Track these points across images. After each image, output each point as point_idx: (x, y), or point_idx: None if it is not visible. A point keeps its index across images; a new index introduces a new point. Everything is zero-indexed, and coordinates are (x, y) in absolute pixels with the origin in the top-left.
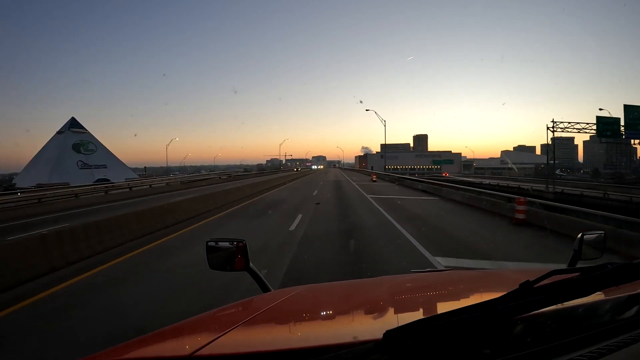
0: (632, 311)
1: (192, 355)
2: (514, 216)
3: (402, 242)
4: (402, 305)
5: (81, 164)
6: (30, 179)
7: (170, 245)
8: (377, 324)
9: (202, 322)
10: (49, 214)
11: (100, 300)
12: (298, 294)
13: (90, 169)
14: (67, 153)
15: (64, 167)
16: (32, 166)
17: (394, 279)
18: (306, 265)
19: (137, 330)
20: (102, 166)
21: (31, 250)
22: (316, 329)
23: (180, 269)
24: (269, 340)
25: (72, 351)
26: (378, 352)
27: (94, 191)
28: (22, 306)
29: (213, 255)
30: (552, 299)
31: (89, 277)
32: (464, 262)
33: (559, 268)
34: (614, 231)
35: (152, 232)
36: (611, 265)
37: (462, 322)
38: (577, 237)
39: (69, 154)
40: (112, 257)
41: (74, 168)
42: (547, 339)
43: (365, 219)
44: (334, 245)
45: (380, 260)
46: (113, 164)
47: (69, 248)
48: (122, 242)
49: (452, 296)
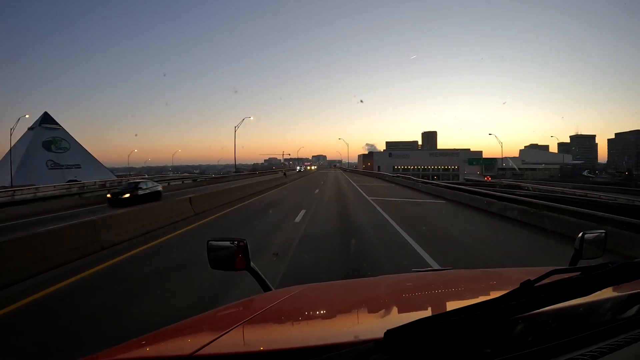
0: (633, 310)
1: (193, 355)
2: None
3: None
4: (403, 305)
5: (51, 163)
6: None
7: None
8: (378, 323)
9: (203, 321)
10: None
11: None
12: (299, 293)
13: (62, 169)
14: (37, 151)
15: (31, 167)
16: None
17: (394, 278)
18: None
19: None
20: (75, 166)
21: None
22: (317, 328)
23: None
24: (269, 339)
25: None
26: (379, 352)
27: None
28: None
29: (214, 255)
30: (552, 298)
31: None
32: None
33: (559, 267)
34: None
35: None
36: (612, 265)
37: (463, 322)
38: (577, 236)
39: (38, 153)
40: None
41: (43, 168)
42: (548, 338)
43: None
44: None
45: None
46: (88, 164)
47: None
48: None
49: (453, 295)
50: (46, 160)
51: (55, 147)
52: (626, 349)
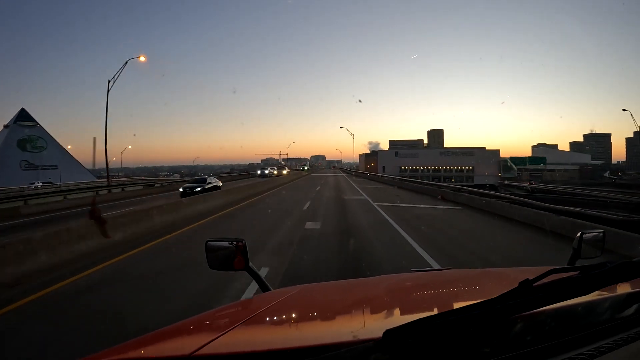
0: (632, 309)
1: (192, 355)
2: None
3: None
4: (402, 305)
5: (25, 164)
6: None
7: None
8: (376, 323)
9: (202, 321)
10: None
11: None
12: (297, 293)
13: (37, 169)
14: (10, 150)
15: (3, 168)
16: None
17: (393, 278)
18: None
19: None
20: (51, 166)
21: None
22: (316, 328)
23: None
24: (268, 339)
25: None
26: (378, 351)
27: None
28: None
29: (212, 255)
30: (551, 297)
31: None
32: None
33: (558, 267)
34: None
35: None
36: (610, 264)
37: (462, 321)
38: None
39: (12, 152)
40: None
41: (16, 169)
42: (546, 337)
43: None
44: None
45: None
46: (66, 164)
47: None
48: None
49: (452, 295)
50: (20, 161)
51: (31, 146)
52: (625, 348)
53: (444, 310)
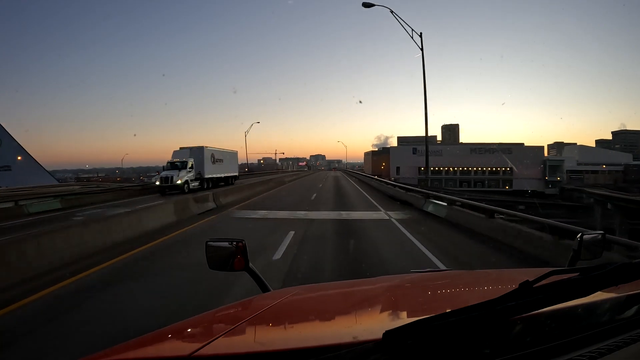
0: (632, 311)
1: (192, 355)
2: None
3: None
4: (402, 305)
5: None
6: None
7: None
8: (376, 323)
9: (202, 322)
10: None
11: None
12: (297, 294)
13: None
14: None
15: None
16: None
17: (393, 279)
18: None
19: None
20: (3, 167)
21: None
22: (316, 329)
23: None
24: (268, 340)
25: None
26: (378, 352)
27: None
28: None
29: (212, 255)
30: (551, 299)
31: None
32: None
33: (558, 268)
34: None
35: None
36: (610, 265)
37: (462, 322)
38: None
39: None
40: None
41: None
42: (546, 338)
43: None
44: None
45: None
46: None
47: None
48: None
49: (452, 296)
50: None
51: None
52: (625, 350)
53: (444, 312)
